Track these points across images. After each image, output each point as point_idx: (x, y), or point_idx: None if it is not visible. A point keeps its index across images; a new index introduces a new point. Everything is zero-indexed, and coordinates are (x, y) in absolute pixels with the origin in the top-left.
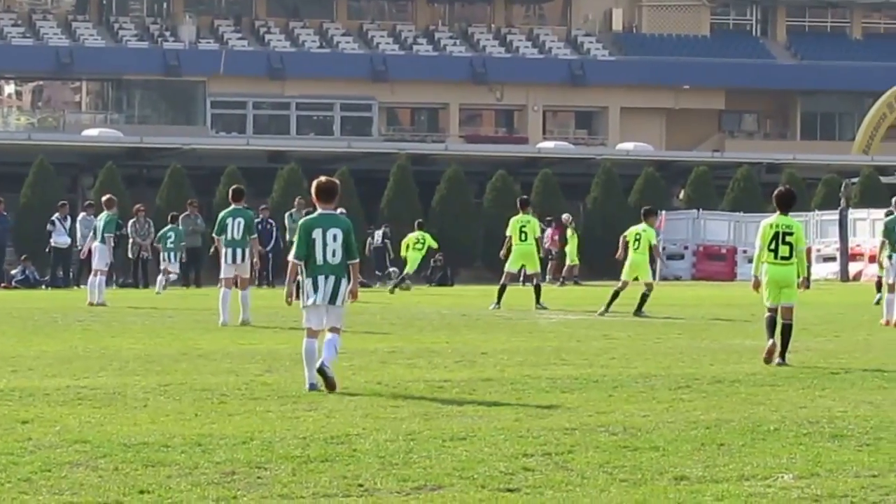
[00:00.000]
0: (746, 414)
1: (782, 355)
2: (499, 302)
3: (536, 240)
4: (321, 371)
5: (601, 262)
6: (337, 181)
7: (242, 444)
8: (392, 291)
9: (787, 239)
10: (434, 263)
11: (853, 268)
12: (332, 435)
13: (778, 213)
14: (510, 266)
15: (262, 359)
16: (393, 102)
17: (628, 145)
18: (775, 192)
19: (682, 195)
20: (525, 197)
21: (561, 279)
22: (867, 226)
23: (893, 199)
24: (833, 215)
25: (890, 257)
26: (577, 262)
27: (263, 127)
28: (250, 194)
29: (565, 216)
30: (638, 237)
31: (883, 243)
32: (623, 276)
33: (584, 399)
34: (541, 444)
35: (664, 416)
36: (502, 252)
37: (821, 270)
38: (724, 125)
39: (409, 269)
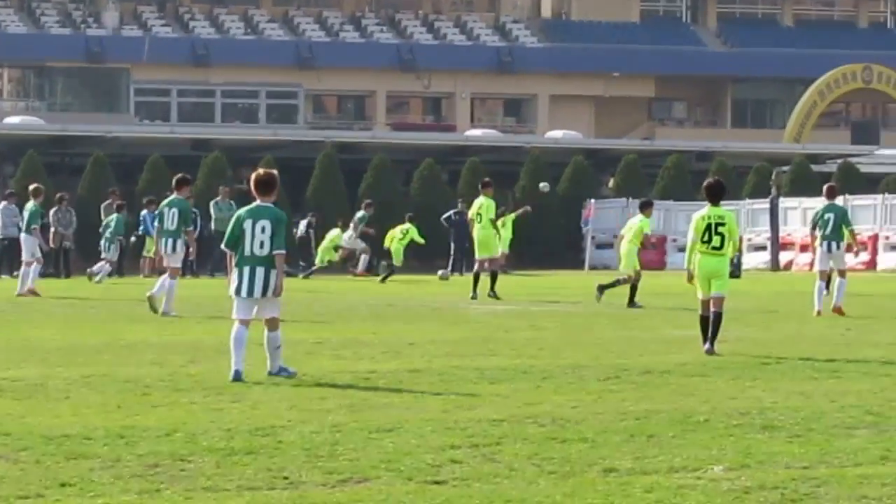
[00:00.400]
0: (676, 405)
1: (711, 342)
2: (475, 290)
3: (491, 221)
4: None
5: (530, 251)
6: (275, 173)
7: (166, 436)
8: (383, 281)
9: (720, 230)
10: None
11: (784, 257)
12: (257, 427)
13: (709, 204)
14: (477, 252)
15: (186, 349)
16: (319, 90)
17: (557, 133)
18: (705, 184)
19: (611, 184)
20: (487, 179)
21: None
22: (798, 215)
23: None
24: (764, 204)
25: (837, 247)
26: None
27: (188, 115)
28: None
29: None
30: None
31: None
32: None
33: (513, 390)
34: (468, 435)
35: (593, 407)
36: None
37: (751, 260)
38: (654, 113)
39: (396, 261)
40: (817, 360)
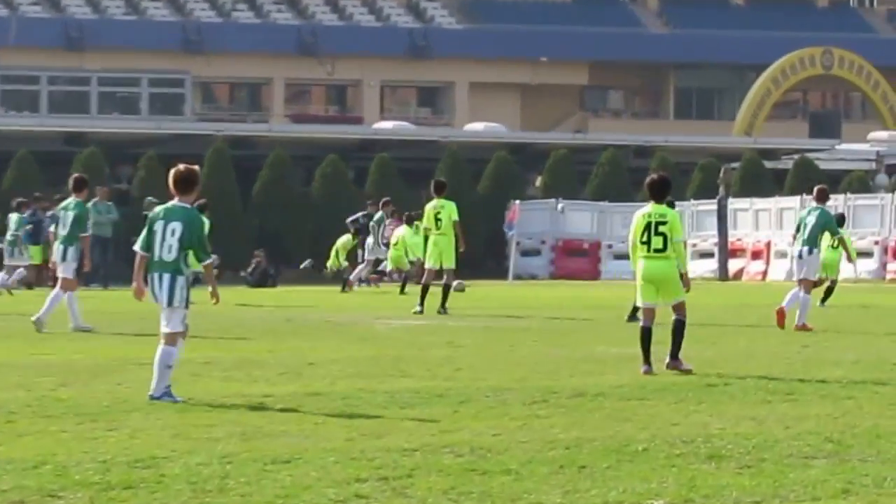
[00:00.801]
0: (611, 432)
1: (674, 355)
2: (421, 304)
3: (455, 225)
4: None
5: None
6: (196, 169)
7: (33, 468)
8: (402, 292)
9: (661, 229)
10: (254, 261)
11: (734, 265)
12: (137, 458)
13: (651, 202)
14: (429, 261)
15: (57, 371)
16: (209, 77)
17: (478, 126)
18: (647, 180)
19: (538, 182)
20: (441, 179)
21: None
22: (749, 217)
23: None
24: (711, 205)
25: (809, 252)
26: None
27: (59, 105)
28: (43, 182)
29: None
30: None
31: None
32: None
33: (427, 415)
34: (376, 467)
35: (518, 434)
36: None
37: (697, 268)
38: (588, 103)
39: (400, 264)
40: (771, 381)
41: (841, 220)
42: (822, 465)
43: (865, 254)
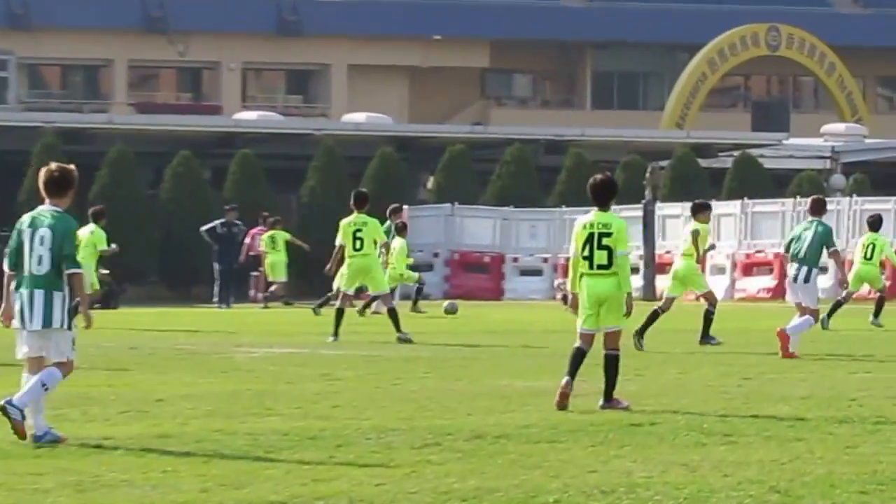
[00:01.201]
0: (517, 481)
1: (608, 396)
2: (336, 333)
3: (385, 245)
4: (3, 409)
5: (318, 275)
6: (72, 169)
7: None
8: (415, 307)
9: (605, 241)
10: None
11: (662, 282)
12: None
13: (595, 208)
14: (345, 285)
15: None
16: (37, 58)
17: (358, 116)
18: (590, 182)
19: (430, 184)
20: (362, 190)
21: (265, 297)
22: (681, 225)
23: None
24: (635, 211)
25: (806, 278)
26: (284, 277)
27: None
28: None
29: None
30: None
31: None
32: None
33: (297, 460)
34: None
35: (405, 484)
36: (329, 267)
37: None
38: (489, 89)
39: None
40: (706, 420)
41: (878, 222)
42: None
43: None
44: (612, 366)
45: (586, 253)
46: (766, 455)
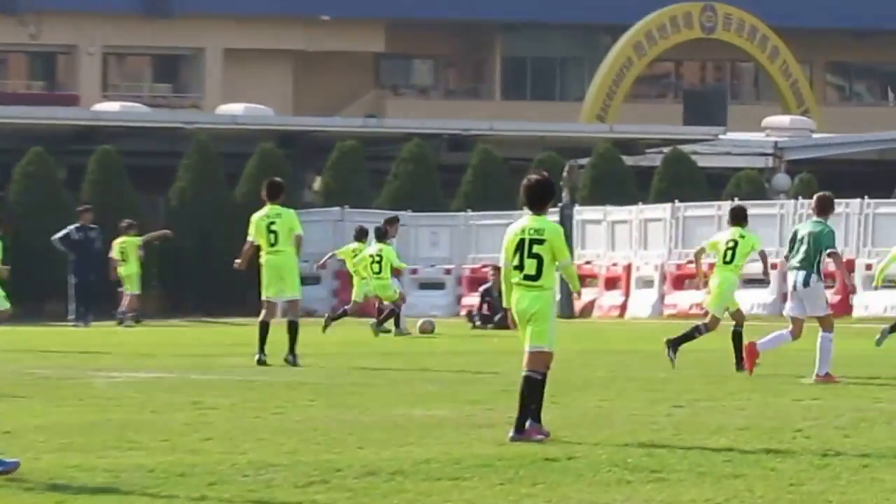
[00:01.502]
0: None
1: (519, 427)
2: (262, 349)
3: (297, 240)
4: None
5: (187, 289)
6: None
7: None
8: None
9: (535, 249)
10: None
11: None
12: None
13: (528, 212)
14: (265, 290)
15: None
16: None
17: (235, 108)
18: (524, 183)
19: (317, 184)
20: (276, 180)
21: (120, 316)
22: (603, 232)
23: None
24: (551, 216)
25: (805, 283)
26: (137, 290)
27: None
28: None
29: None
30: (732, 246)
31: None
32: (708, 307)
33: (165, 501)
34: None
35: None
36: (239, 261)
37: None
38: (385, 77)
39: (357, 296)
40: (631, 453)
41: None
42: None
43: (757, 281)
44: (529, 390)
45: (516, 262)
46: (698, 494)
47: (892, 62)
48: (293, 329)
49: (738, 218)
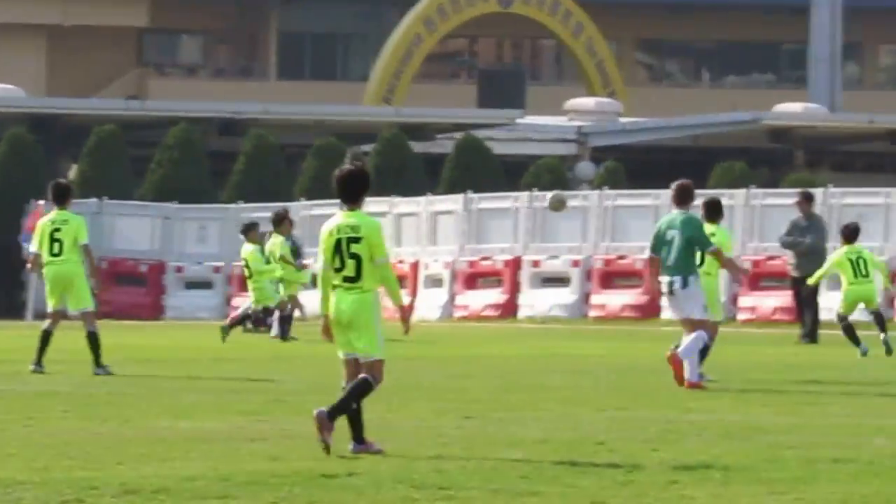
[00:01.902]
0: None
1: (357, 437)
2: (39, 360)
3: (85, 250)
4: None
5: None
6: None
7: None
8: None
9: (353, 248)
10: None
11: None
12: None
13: (344, 208)
14: (48, 298)
15: None
16: None
17: None
18: (336, 174)
19: (73, 173)
20: (61, 182)
21: None
22: (388, 225)
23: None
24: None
25: (683, 284)
26: None
27: None
28: None
29: None
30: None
31: None
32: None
33: None
34: None
35: None
36: (29, 267)
37: (308, 300)
38: (148, 55)
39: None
40: (417, 468)
41: (854, 232)
42: None
43: (558, 280)
44: (355, 393)
45: (337, 264)
46: None
47: (707, 40)
48: (92, 341)
49: (714, 213)
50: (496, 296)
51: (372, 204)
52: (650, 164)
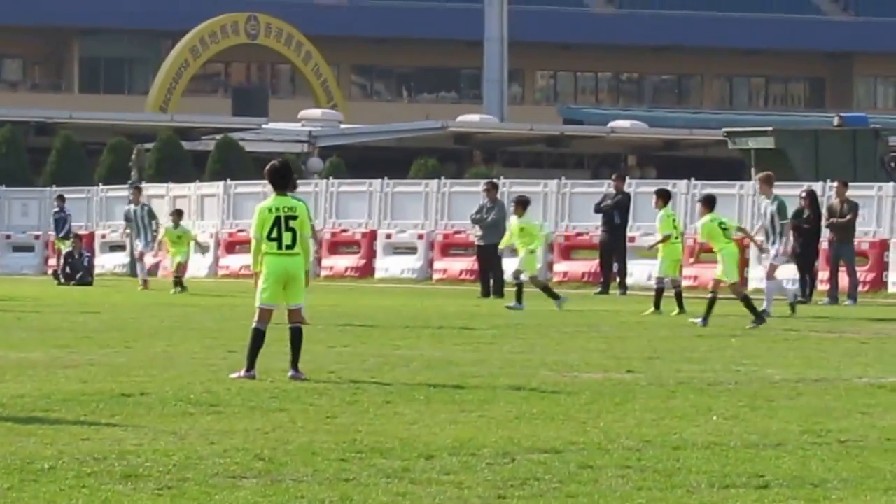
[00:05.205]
0: (13, 448)
1: (294, 365)
2: None
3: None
4: None
5: None
6: None
7: None
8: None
9: (291, 224)
10: None
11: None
12: None
13: (274, 193)
14: None
15: None
16: None
17: None
18: (268, 167)
19: None
20: None
21: None
22: (165, 205)
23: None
24: (122, 191)
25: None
26: None
27: None
28: None
29: None
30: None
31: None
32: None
33: None
34: None
35: None
36: None
37: (108, 262)
38: None
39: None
40: (193, 390)
41: (711, 200)
42: (251, 485)
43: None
44: (298, 337)
45: (274, 234)
46: (250, 424)
47: (407, 66)
48: None
49: (712, 204)
50: (245, 259)
51: (153, 188)
52: (365, 159)
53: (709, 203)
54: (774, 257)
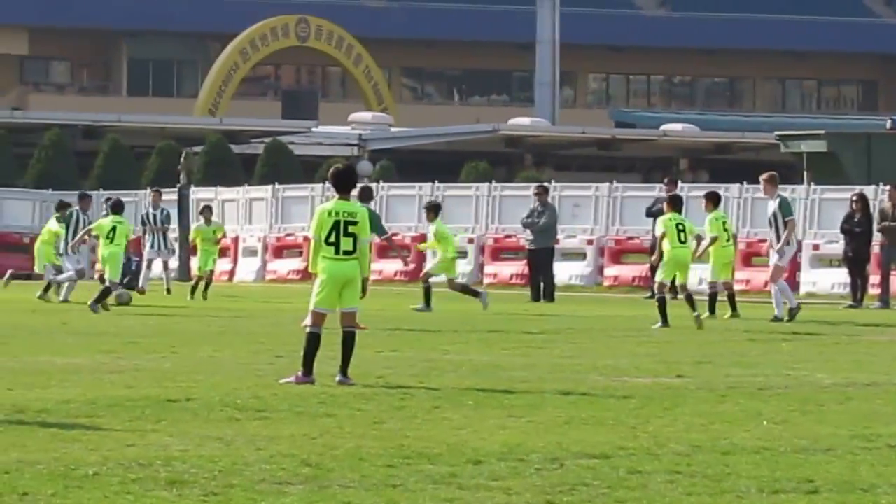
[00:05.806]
0: (57, 454)
1: (343, 370)
2: None
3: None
4: None
5: None
6: None
7: None
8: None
9: (350, 230)
10: None
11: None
12: None
13: (336, 196)
14: None
15: None
16: None
17: None
18: (332, 171)
19: None
20: None
21: None
22: (216, 209)
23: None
24: (171, 194)
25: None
26: None
27: None
28: None
29: None
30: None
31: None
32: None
33: None
34: None
35: None
36: None
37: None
38: (28, 75)
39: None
40: (239, 395)
41: (678, 201)
42: (298, 491)
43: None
44: (350, 342)
45: (332, 239)
46: (297, 430)
47: (457, 68)
48: None
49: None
50: (297, 264)
51: (202, 192)
52: (415, 163)
53: (713, 199)
54: (779, 259)
